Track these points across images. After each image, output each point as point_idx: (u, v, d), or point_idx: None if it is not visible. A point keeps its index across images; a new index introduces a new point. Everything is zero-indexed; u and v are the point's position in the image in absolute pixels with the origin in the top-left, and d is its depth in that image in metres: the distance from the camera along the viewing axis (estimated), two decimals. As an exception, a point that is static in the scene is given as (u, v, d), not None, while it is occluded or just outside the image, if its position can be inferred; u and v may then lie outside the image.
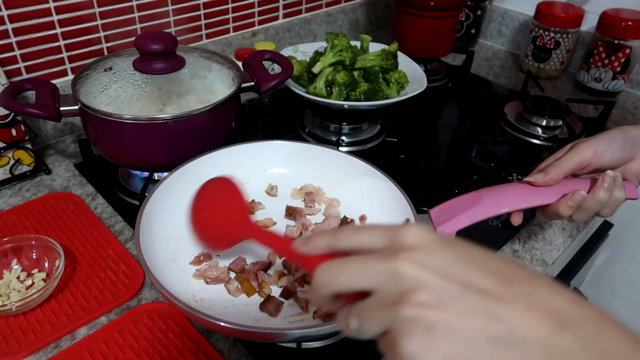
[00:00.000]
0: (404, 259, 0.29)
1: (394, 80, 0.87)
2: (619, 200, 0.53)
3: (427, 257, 0.29)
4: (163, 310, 0.56)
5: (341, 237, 0.34)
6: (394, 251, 0.30)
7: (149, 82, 0.68)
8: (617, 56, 1.03)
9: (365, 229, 0.33)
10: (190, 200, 0.52)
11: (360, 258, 0.31)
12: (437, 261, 0.29)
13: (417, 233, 0.31)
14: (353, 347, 0.54)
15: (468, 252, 0.30)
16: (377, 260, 0.30)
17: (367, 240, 0.33)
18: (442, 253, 0.30)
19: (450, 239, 0.31)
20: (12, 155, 0.74)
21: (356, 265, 0.31)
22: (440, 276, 0.28)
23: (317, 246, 0.35)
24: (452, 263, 0.29)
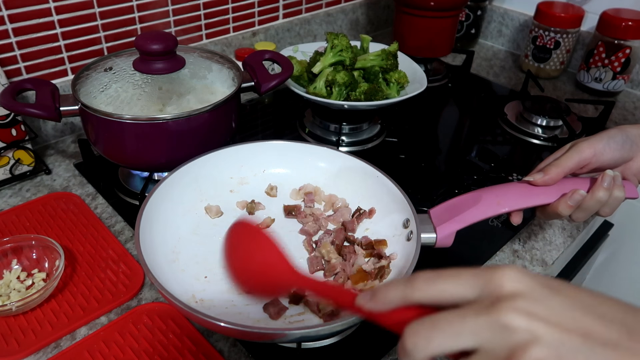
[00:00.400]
0: (509, 309, 0.26)
1: (394, 80, 0.87)
2: (618, 200, 0.53)
3: (534, 306, 0.26)
4: (163, 310, 0.56)
5: (418, 288, 0.30)
6: (492, 301, 0.27)
7: (149, 82, 0.68)
8: (617, 56, 1.03)
9: (446, 276, 0.29)
10: (223, 240, 0.47)
11: (455, 313, 0.28)
12: (548, 310, 0.26)
13: (514, 277, 0.28)
14: (353, 347, 0.54)
15: (577, 297, 0.28)
16: (476, 313, 0.27)
17: (452, 290, 0.29)
18: (550, 301, 0.27)
19: (553, 282, 0.28)
20: (12, 155, 0.74)
21: (453, 324, 0.27)
22: (555, 327, 0.26)
23: (388, 302, 0.31)
24: (565, 312, 0.27)
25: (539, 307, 0.26)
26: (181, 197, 0.61)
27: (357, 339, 0.55)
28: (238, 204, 0.64)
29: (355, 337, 0.55)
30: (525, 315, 0.26)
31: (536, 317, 0.26)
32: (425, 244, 0.53)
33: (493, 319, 0.26)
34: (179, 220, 0.59)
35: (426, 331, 0.28)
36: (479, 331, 0.27)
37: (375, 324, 0.32)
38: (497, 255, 0.68)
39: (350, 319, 0.45)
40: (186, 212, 0.61)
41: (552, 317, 0.26)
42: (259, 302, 0.52)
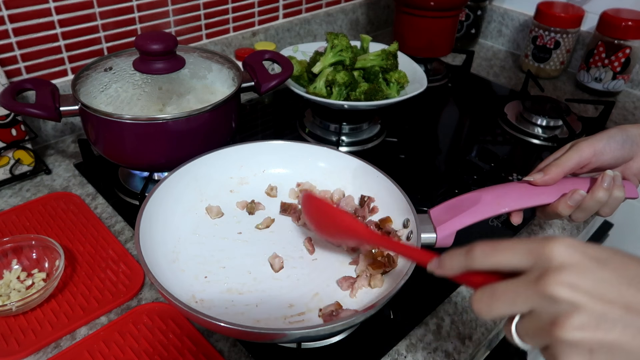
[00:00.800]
0: (555, 282, 0.29)
1: (394, 80, 0.87)
2: (618, 200, 0.53)
3: (579, 279, 0.29)
4: (163, 310, 0.56)
5: (477, 259, 0.34)
6: (542, 273, 0.30)
7: (149, 82, 0.68)
8: (617, 56, 1.03)
9: (502, 247, 0.33)
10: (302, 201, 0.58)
11: (509, 284, 0.32)
12: (592, 283, 0.29)
13: (563, 250, 0.30)
14: (353, 347, 0.54)
15: (624, 269, 0.30)
16: (527, 284, 0.31)
17: (507, 260, 0.32)
18: (595, 273, 0.29)
19: (600, 254, 0.30)
20: (12, 155, 0.74)
21: (507, 294, 0.31)
22: (597, 299, 0.28)
23: (451, 268, 0.36)
24: (608, 284, 0.29)
25: (583, 280, 0.29)
26: (181, 197, 0.61)
27: (357, 339, 0.55)
28: (238, 204, 0.65)
29: (355, 337, 0.55)
30: (570, 287, 0.29)
31: (579, 289, 0.29)
32: (425, 244, 0.53)
33: (541, 290, 0.29)
34: (179, 220, 0.59)
35: (487, 300, 0.32)
36: (529, 300, 0.30)
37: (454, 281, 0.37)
38: (497, 255, 0.68)
39: (350, 319, 0.45)
40: (186, 212, 0.61)
41: (596, 290, 0.29)
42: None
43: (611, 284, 0.29)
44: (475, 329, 0.57)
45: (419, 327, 0.57)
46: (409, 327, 0.57)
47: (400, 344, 0.55)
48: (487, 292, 0.32)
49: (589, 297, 0.28)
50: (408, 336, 0.56)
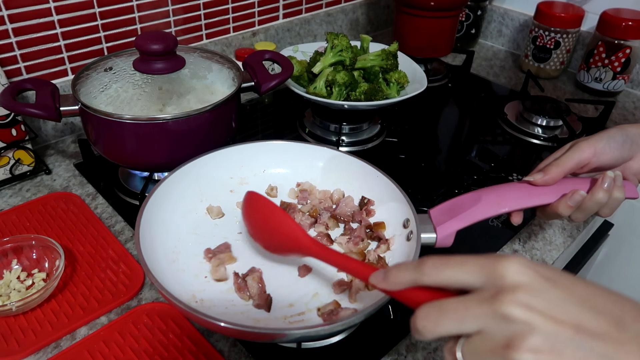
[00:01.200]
0: (510, 302, 0.28)
1: (394, 80, 0.87)
2: (618, 201, 0.53)
3: (533, 299, 0.28)
4: (163, 310, 0.56)
5: (427, 274, 0.33)
6: (496, 292, 0.29)
7: (149, 82, 0.68)
8: (617, 56, 1.03)
9: (453, 263, 0.32)
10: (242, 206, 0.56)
11: (460, 301, 0.31)
12: (545, 303, 0.28)
13: (516, 270, 0.30)
14: (353, 347, 0.54)
15: (573, 290, 0.29)
16: (479, 302, 0.30)
17: (459, 277, 0.32)
18: (547, 293, 0.29)
19: (552, 274, 0.30)
20: (12, 155, 0.74)
21: (457, 311, 0.30)
22: (550, 320, 0.28)
23: (398, 282, 0.35)
24: (560, 304, 0.29)
25: (537, 300, 0.28)
26: (181, 197, 0.61)
27: (357, 339, 0.55)
28: (238, 204, 0.64)
29: (355, 337, 0.55)
30: (524, 307, 0.28)
31: (534, 310, 0.28)
32: (425, 244, 0.53)
33: (494, 309, 0.29)
34: (179, 220, 0.59)
35: (434, 315, 0.31)
36: (481, 319, 0.29)
37: (393, 297, 0.36)
38: (497, 255, 0.68)
39: (350, 319, 0.45)
40: (186, 212, 0.61)
41: (548, 310, 0.28)
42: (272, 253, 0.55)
43: (562, 304, 0.29)
44: (475, 329, 0.57)
45: (419, 327, 0.57)
46: (409, 327, 0.56)
47: (400, 344, 0.55)
48: (435, 308, 0.31)
49: (542, 318, 0.28)
50: (408, 336, 0.56)
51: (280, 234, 0.50)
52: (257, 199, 0.53)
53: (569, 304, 0.29)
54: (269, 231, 0.52)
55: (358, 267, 0.42)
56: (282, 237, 0.50)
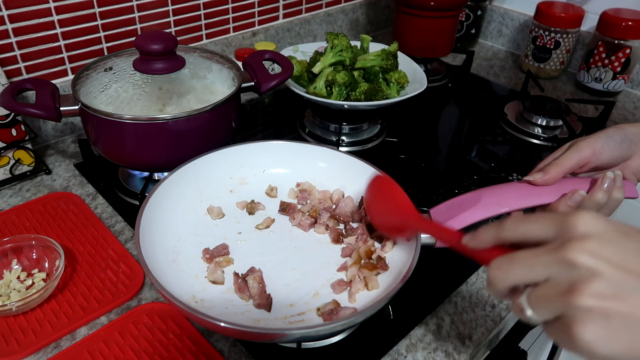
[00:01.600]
0: (577, 249, 0.29)
1: (394, 80, 0.87)
2: (617, 201, 0.53)
3: (601, 248, 0.29)
4: (163, 310, 0.56)
5: (507, 229, 0.35)
6: (564, 241, 0.30)
7: (149, 82, 0.68)
8: (617, 56, 1.03)
9: (531, 219, 0.34)
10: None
11: (530, 251, 0.32)
12: (613, 252, 0.29)
13: (588, 221, 0.31)
14: (353, 347, 0.54)
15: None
16: (548, 251, 0.31)
17: (534, 231, 0.33)
18: (617, 243, 0.30)
19: (626, 228, 0.31)
20: (12, 155, 0.74)
21: (527, 259, 0.32)
22: (616, 267, 0.29)
23: (484, 240, 0.37)
24: (628, 254, 0.29)
25: (605, 249, 0.29)
26: (181, 197, 0.61)
27: (357, 339, 0.55)
28: (238, 204, 0.64)
29: (355, 337, 0.55)
30: (590, 254, 0.29)
31: (600, 257, 0.29)
32: (425, 244, 0.53)
33: (561, 256, 0.30)
34: (179, 220, 0.59)
35: (506, 265, 0.32)
36: (548, 266, 0.30)
37: (478, 261, 0.39)
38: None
39: (350, 319, 0.45)
40: (186, 212, 0.61)
41: (617, 258, 0.29)
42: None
43: (632, 254, 0.29)
44: (475, 329, 0.57)
45: (419, 327, 0.57)
46: (409, 327, 0.57)
47: (400, 344, 0.55)
48: (507, 259, 0.33)
49: (608, 265, 0.29)
50: (408, 336, 0.56)
51: (400, 209, 0.53)
52: (383, 182, 0.57)
53: (638, 255, 0.29)
54: (389, 207, 0.55)
55: (449, 234, 0.44)
56: (398, 213, 0.53)
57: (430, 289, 0.61)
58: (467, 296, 0.62)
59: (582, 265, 0.29)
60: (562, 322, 0.30)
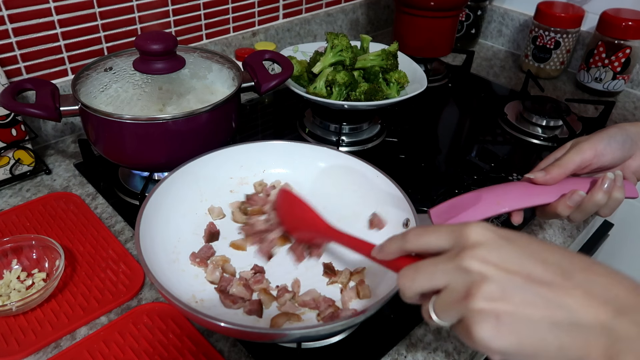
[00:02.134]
0: (469, 256, 0.33)
1: (394, 80, 0.87)
2: (617, 201, 0.53)
3: (489, 254, 0.32)
4: (163, 310, 0.56)
5: (409, 241, 0.38)
6: (459, 250, 0.34)
7: (149, 82, 0.68)
8: (617, 56, 1.03)
9: (430, 230, 0.37)
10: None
11: (431, 261, 0.35)
12: (499, 257, 0.32)
13: (478, 231, 0.34)
14: (353, 347, 0.54)
15: (527, 246, 0.34)
16: (446, 260, 0.34)
17: (434, 242, 0.36)
18: (503, 249, 0.33)
19: (510, 235, 0.34)
20: (12, 155, 0.74)
21: (429, 268, 0.35)
22: (503, 270, 0.32)
23: (389, 252, 0.40)
24: (513, 258, 0.32)
25: (493, 254, 0.33)
26: (181, 197, 0.61)
27: (357, 339, 0.55)
28: (231, 205, 0.64)
29: (355, 337, 0.55)
30: (481, 261, 0.32)
31: (489, 262, 0.32)
32: (425, 244, 0.53)
33: (457, 263, 0.33)
34: (179, 220, 0.59)
35: (411, 274, 0.36)
36: (447, 273, 0.34)
37: (388, 269, 0.42)
38: (497, 255, 0.68)
39: (350, 319, 0.45)
40: (186, 212, 0.61)
41: (502, 262, 0.32)
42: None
43: (515, 258, 0.32)
44: (475, 329, 0.57)
45: (419, 327, 0.57)
46: (409, 327, 0.57)
47: (400, 344, 0.55)
48: (412, 268, 0.36)
49: (496, 269, 0.32)
50: (408, 336, 0.56)
51: (307, 221, 0.55)
52: (289, 196, 0.59)
53: (522, 258, 0.32)
54: (299, 220, 0.57)
55: (361, 245, 0.46)
56: (307, 224, 0.55)
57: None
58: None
59: (473, 271, 0.32)
60: (463, 324, 0.33)
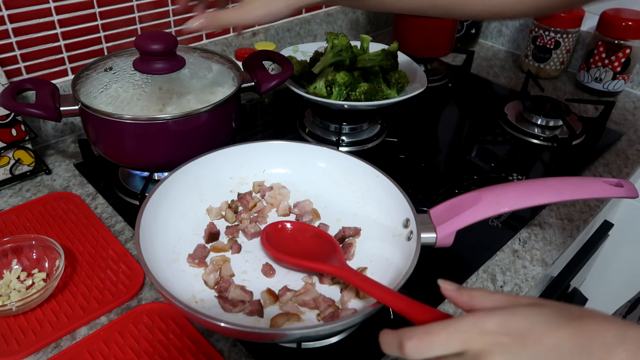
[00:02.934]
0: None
1: (394, 80, 0.87)
2: None
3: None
4: (163, 310, 0.56)
5: (411, 354, 0.34)
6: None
7: (149, 82, 0.68)
8: (617, 56, 1.03)
9: (433, 336, 0.33)
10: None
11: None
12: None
13: (487, 339, 0.31)
14: (353, 347, 0.54)
15: (541, 343, 0.31)
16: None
17: (439, 351, 0.33)
18: (519, 356, 0.31)
19: (523, 328, 0.32)
20: (12, 155, 0.74)
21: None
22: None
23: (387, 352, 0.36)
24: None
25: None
26: (181, 197, 0.61)
27: (357, 339, 0.55)
28: (224, 203, 0.64)
29: (355, 337, 0.55)
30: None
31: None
32: (426, 244, 0.53)
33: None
34: (179, 220, 0.59)
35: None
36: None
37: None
38: (497, 255, 0.68)
39: (350, 319, 0.45)
40: (186, 212, 0.61)
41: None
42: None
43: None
44: (475, 329, 0.57)
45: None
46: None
47: (400, 344, 0.55)
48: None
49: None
50: (408, 336, 0.56)
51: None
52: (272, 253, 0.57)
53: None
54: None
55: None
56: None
57: (431, 289, 0.61)
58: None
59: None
60: None
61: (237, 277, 0.55)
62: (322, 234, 0.59)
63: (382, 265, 0.55)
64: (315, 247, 0.57)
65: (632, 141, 0.94)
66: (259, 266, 0.56)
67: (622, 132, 0.96)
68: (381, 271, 0.55)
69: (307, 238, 0.58)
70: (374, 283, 0.47)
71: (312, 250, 0.56)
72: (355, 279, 0.48)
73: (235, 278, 0.55)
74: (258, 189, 0.66)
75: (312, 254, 0.55)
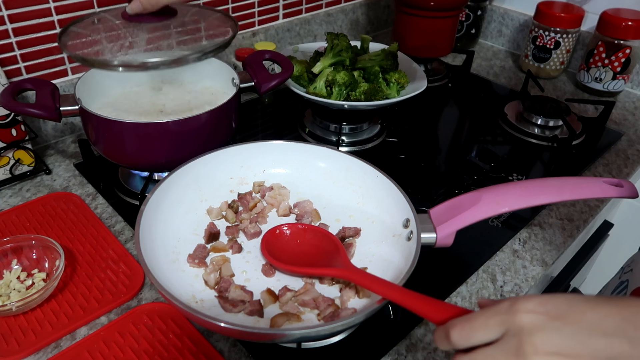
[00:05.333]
0: (531, 352, 0.31)
1: (394, 80, 0.87)
2: None
3: (548, 342, 0.31)
4: (163, 310, 0.56)
5: (457, 342, 0.35)
6: (516, 344, 0.32)
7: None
8: (617, 56, 1.03)
9: (477, 326, 0.34)
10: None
11: (487, 354, 0.33)
12: (559, 343, 0.31)
13: (529, 318, 0.32)
14: (353, 347, 0.54)
15: (581, 319, 0.31)
16: (507, 357, 0.32)
17: (483, 338, 0.33)
18: (559, 333, 0.31)
19: (560, 309, 0.32)
20: (12, 155, 0.74)
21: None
22: (567, 357, 0.31)
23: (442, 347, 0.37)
24: (573, 340, 0.31)
25: (552, 342, 0.31)
26: (181, 197, 0.61)
27: (357, 339, 0.55)
28: (223, 204, 0.64)
29: (355, 337, 0.55)
30: (542, 353, 0.31)
31: (551, 353, 0.31)
32: (426, 244, 0.53)
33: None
34: (179, 220, 0.59)
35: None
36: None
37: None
38: (497, 255, 0.68)
39: (350, 319, 0.45)
40: (186, 212, 0.61)
41: (563, 349, 0.31)
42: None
43: (574, 339, 0.31)
44: (475, 329, 0.57)
45: (419, 327, 0.57)
46: (409, 327, 0.57)
47: (400, 344, 0.55)
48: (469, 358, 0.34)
49: (558, 357, 0.31)
50: (408, 336, 0.56)
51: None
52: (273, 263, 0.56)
53: (581, 336, 0.31)
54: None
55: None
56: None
57: (430, 289, 0.61)
58: (467, 296, 0.62)
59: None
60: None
61: (237, 277, 0.55)
62: (323, 233, 0.59)
63: (382, 266, 0.55)
64: (317, 248, 0.57)
65: (632, 141, 0.94)
66: (259, 266, 0.56)
67: (622, 132, 0.96)
68: (381, 271, 0.55)
69: (307, 239, 0.58)
70: (388, 284, 0.46)
71: (315, 252, 0.56)
72: (365, 281, 0.48)
73: (235, 278, 0.55)
74: (258, 189, 0.66)
75: (315, 256, 0.55)
